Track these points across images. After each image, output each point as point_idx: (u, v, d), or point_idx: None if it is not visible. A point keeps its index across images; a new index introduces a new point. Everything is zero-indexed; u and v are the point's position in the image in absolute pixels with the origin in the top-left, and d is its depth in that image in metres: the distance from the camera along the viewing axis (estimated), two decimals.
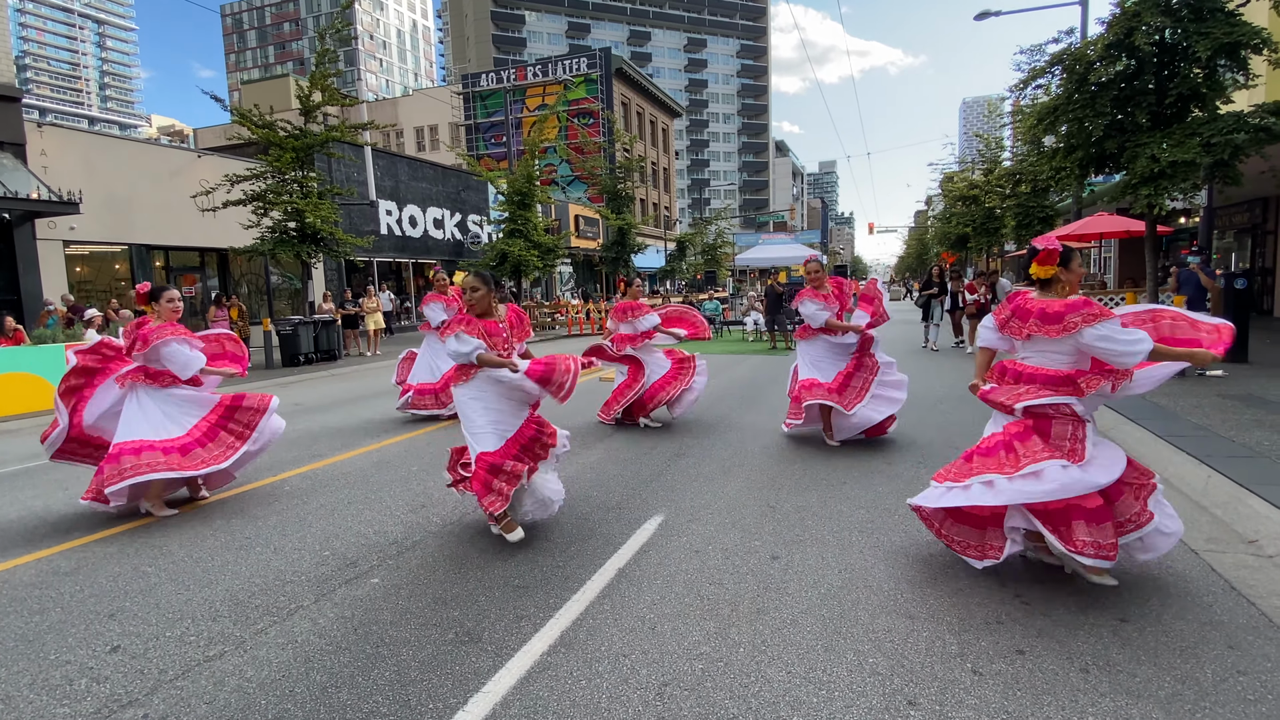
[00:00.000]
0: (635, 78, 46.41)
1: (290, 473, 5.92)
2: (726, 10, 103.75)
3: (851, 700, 2.50)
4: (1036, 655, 2.74)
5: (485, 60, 77.19)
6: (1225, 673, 2.60)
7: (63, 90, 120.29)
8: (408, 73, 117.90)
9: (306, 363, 14.67)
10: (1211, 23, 7.99)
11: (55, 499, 5.44)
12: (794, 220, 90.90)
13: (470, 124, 44.32)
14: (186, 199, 15.76)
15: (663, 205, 51.45)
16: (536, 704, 2.53)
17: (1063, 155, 9.54)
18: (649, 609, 3.23)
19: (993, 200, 23.44)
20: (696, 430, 7.12)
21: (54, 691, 2.70)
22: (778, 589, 3.40)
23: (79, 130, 18.23)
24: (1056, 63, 9.20)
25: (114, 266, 17.05)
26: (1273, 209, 15.87)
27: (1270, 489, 4.25)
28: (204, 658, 2.91)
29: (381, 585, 3.57)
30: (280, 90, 45.13)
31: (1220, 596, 3.20)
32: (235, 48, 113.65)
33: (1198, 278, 9.11)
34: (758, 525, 4.30)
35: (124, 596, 3.54)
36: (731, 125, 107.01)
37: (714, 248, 37.60)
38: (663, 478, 5.42)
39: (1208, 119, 8.18)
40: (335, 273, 21.42)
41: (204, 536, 4.39)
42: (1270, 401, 6.93)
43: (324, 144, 15.07)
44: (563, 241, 24.76)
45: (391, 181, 23.93)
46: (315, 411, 9.11)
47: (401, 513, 4.74)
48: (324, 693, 2.63)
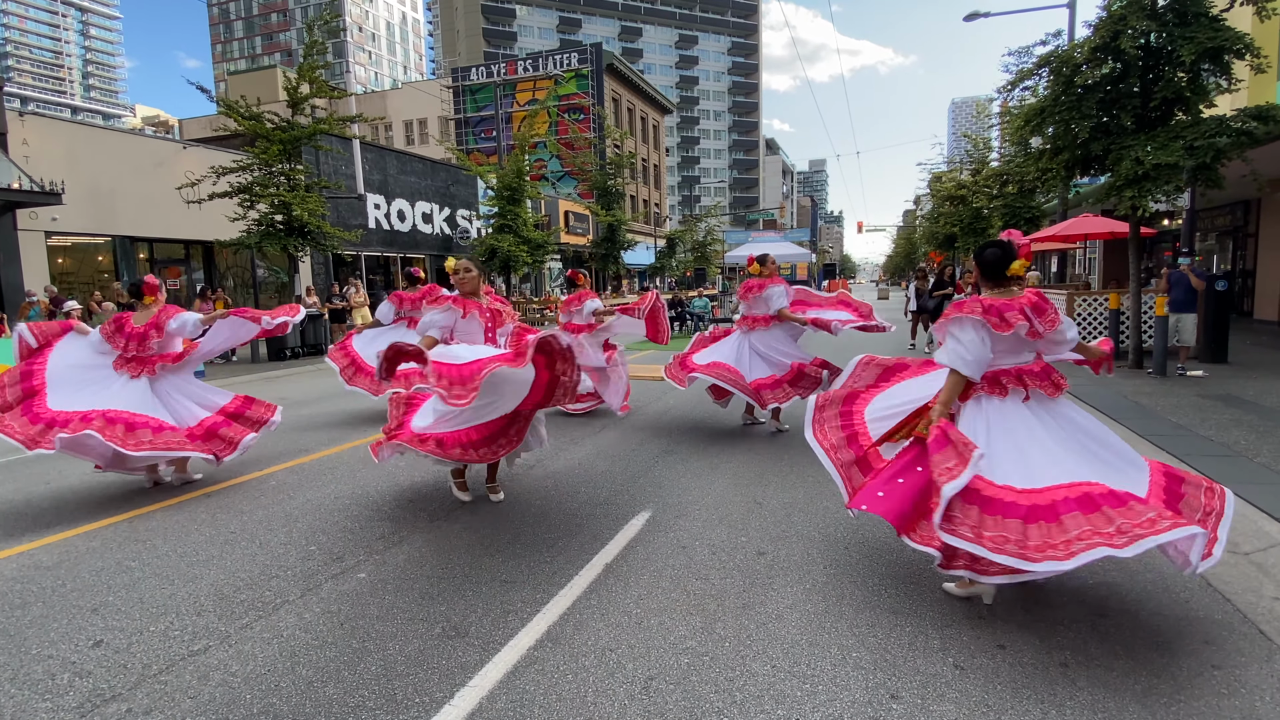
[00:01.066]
0: (626, 74, 46.33)
1: (276, 467, 5.89)
2: (718, 7, 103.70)
3: (835, 693, 2.53)
4: (1017, 650, 2.78)
5: (475, 54, 76.75)
6: (1200, 667, 2.65)
7: (45, 79, 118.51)
8: (397, 65, 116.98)
9: (293, 357, 14.57)
10: (1195, 27, 8.08)
11: (36, 492, 5.38)
12: (784, 218, 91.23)
13: (460, 118, 44.08)
14: (171, 191, 15.58)
15: (653, 202, 51.43)
16: (523, 698, 2.54)
17: (1049, 157, 9.62)
18: (635, 604, 3.25)
19: (980, 200, 23.59)
20: (684, 427, 7.14)
21: (36, 686, 2.69)
22: (763, 584, 3.43)
23: (61, 120, 17.96)
24: (1044, 65, 9.27)
25: (97, 258, 16.84)
26: (1254, 212, 16.09)
27: (1247, 487, 4.32)
28: (188, 652, 2.90)
29: (368, 580, 3.57)
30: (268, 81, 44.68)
31: (1196, 593, 3.26)
32: (222, 38, 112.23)
33: (1188, 279, 9.21)
34: (744, 521, 4.32)
35: (107, 591, 3.52)
36: (722, 122, 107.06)
37: (704, 245, 37.65)
38: (650, 474, 5.44)
39: (1191, 122, 8.28)
40: (322, 266, 21.26)
41: (189, 531, 4.36)
42: (1248, 401, 7.05)
43: (312, 136, 14.93)
44: (552, 237, 24.70)
45: (380, 175, 23.76)
46: (301, 406, 9.06)
47: (388, 508, 4.73)
48: (310, 687, 2.63)
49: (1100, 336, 10.96)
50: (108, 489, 5.36)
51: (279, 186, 14.72)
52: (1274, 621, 2.97)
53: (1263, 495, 4.20)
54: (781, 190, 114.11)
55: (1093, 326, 11.12)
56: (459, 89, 43.88)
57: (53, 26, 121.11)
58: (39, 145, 14.52)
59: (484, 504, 4.76)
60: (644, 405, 8.33)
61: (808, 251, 35.65)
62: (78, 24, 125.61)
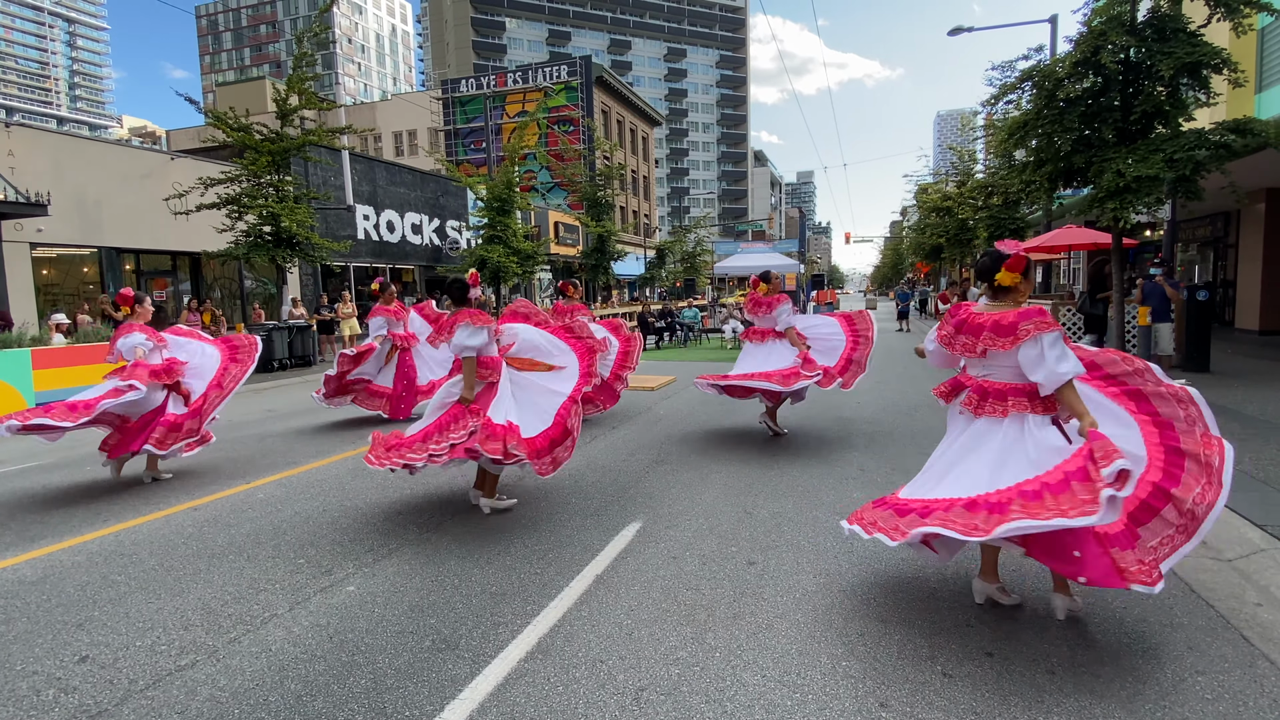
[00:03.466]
0: (616, 86, 46.58)
1: (264, 480, 5.85)
2: (706, 21, 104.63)
3: (825, 703, 2.54)
4: (1004, 657, 2.80)
5: (465, 66, 77.01)
6: (1184, 673, 2.68)
7: (31, 89, 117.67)
8: (386, 77, 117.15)
9: (281, 368, 14.48)
10: (1174, 43, 8.25)
11: (20, 506, 5.32)
12: (772, 229, 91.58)
13: (450, 129, 44.14)
14: (158, 201, 15.51)
15: (643, 213, 51.58)
16: (514, 710, 2.54)
17: (1033, 169, 9.76)
18: (626, 615, 3.25)
19: (966, 212, 23.88)
20: (675, 437, 7.16)
21: (21, 702, 2.65)
22: (754, 594, 3.44)
23: (48, 130, 17.84)
24: (1026, 79, 9.42)
25: (82, 269, 16.69)
26: (1234, 223, 16.35)
27: (1230, 495, 4.38)
28: (175, 667, 2.87)
29: (357, 593, 3.55)
30: (256, 93, 44.57)
31: (1181, 599, 3.30)
32: (210, 49, 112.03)
33: (1163, 289, 9.37)
34: (734, 531, 4.34)
35: (93, 606, 3.48)
36: (711, 135, 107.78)
37: (693, 256, 37.77)
38: (641, 484, 5.44)
39: (1171, 135, 8.43)
40: (311, 278, 21.17)
41: (175, 545, 4.33)
42: (1230, 409, 7.14)
43: (301, 148, 14.92)
44: (542, 248, 24.71)
45: (369, 186, 23.73)
46: (289, 418, 9.00)
47: (377, 520, 4.71)
48: (299, 701, 2.61)
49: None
50: (93, 502, 5.31)
51: (267, 198, 14.67)
52: (1257, 627, 3.01)
53: (1245, 502, 4.25)
54: (770, 201, 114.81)
55: (1078, 336, 11.24)
56: (448, 100, 43.96)
57: (39, 37, 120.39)
58: (25, 156, 14.41)
59: (474, 516, 4.75)
60: (634, 416, 8.34)
61: (796, 262, 35.81)
62: (65, 34, 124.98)
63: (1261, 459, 5.25)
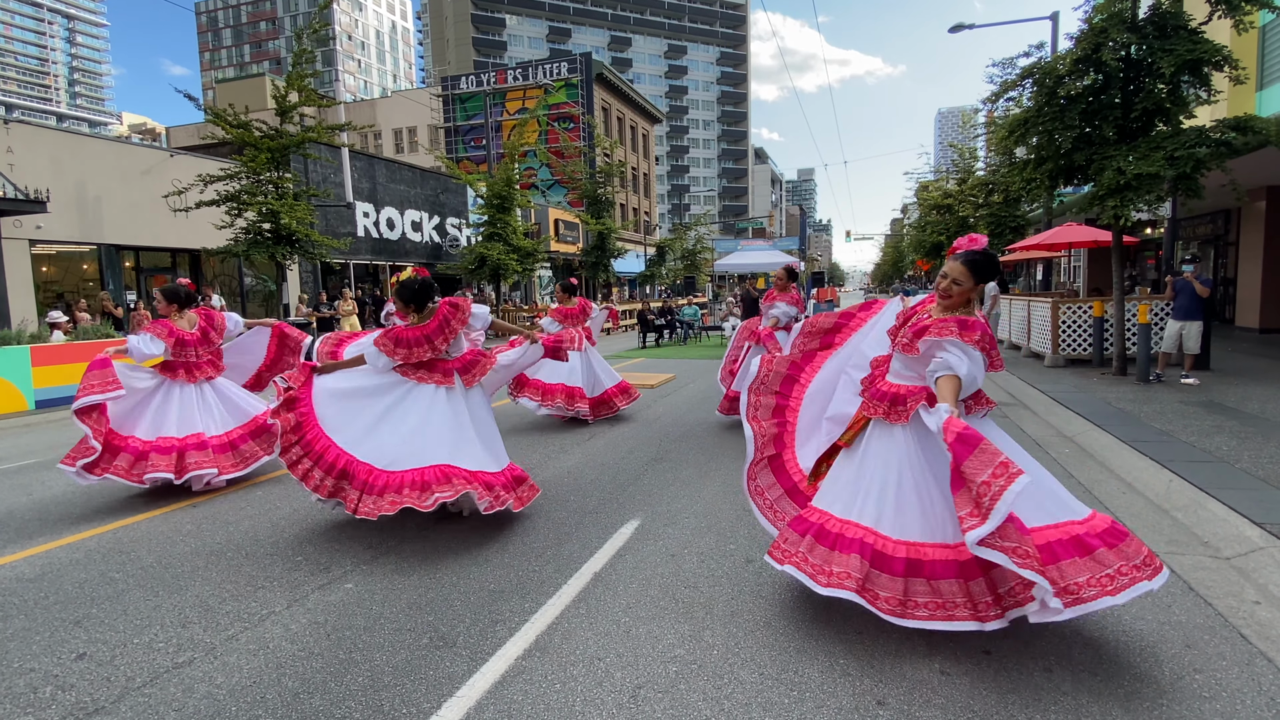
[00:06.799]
0: (616, 83, 46.50)
1: (263, 478, 5.85)
2: (707, 18, 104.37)
3: (822, 700, 2.54)
4: (1002, 655, 2.80)
5: (465, 63, 76.88)
6: (1182, 670, 2.68)
7: (30, 86, 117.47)
8: (386, 74, 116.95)
9: None
10: (1175, 40, 8.22)
11: (18, 503, 5.32)
12: (773, 227, 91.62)
13: (450, 127, 44.07)
14: (158, 199, 15.48)
15: (643, 210, 51.53)
16: (511, 708, 2.54)
17: (1033, 167, 9.73)
18: (624, 612, 3.25)
19: (966, 209, 23.84)
20: (674, 434, 7.15)
21: (18, 700, 2.65)
22: (752, 592, 3.44)
23: (47, 127, 17.83)
24: (1027, 76, 9.39)
25: (82, 266, 16.69)
26: (1234, 221, 16.32)
27: (1229, 493, 4.38)
28: (173, 664, 2.87)
29: (355, 590, 3.55)
30: (256, 90, 44.56)
31: (1179, 597, 3.30)
32: (210, 46, 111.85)
33: (1193, 286, 9.20)
34: (733, 529, 4.34)
35: (90, 603, 3.48)
36: (711, 132, 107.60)
37: (694, 253, 37.78)
38: (640, 482, 5.44)
39: (1171, 133, 8.41)
40: (311, 275, 21.17)
41: (173, 543, 4.33)
42: (1230, 408, 7.14)
43: (300, 145, 14.91)
44: (542, 245, 24.71)
45: (369, 183, 23.72)
46: None
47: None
48: (296, 699, 2.61)
49: (1088, 342, 11.08)
50: (91, 500, 5.31)
51: (267, 195, 14.66)
52: (1255, 626, 3.00)
53: (1243, 500, 4.25)
54: (770, 199, 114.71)
55: (1078, 334, 11.24)
56: (448, 98, 43.87)
57: (39, 34, 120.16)
58: (24, 152, 14.40)
59: (471, 514, 4.74)
60: (633, 413, 8.34)
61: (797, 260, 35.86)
62: (64, 31, 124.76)
63: (1261, 457, 5.25)
